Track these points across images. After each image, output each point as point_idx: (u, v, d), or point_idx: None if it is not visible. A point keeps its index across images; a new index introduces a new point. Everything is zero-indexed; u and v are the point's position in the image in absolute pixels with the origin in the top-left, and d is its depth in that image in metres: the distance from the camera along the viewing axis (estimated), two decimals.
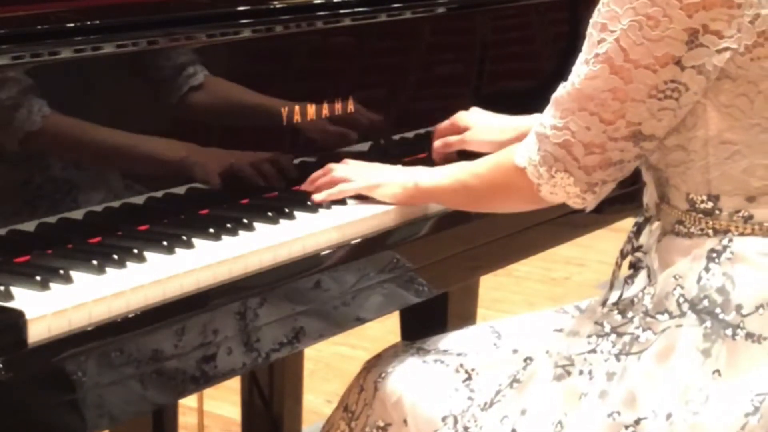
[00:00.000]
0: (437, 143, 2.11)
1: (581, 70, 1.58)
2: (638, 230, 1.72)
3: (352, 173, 1.89)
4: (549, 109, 1.63)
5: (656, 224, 1.68)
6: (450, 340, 1.85)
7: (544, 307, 1.82)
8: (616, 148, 1.58)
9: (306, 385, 2.61)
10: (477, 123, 2.08)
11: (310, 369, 3.36)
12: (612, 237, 1.72)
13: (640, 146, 1.59)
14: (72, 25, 1.66)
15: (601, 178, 1.62)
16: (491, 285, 3.52)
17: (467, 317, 2.48)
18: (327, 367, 3.62)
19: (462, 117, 2.11)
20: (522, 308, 4.08)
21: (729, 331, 1.53)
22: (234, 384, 2.31)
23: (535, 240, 2.16)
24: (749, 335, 1.52)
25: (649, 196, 1.70)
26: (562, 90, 1.61)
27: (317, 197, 1.85)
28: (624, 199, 2.20)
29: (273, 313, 1.63)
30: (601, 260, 4.34)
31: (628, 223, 1.82)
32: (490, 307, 3.76)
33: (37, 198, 1.62)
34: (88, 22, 1.68)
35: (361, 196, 1.88)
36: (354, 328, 1.82)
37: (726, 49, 1.52)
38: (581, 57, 1.59)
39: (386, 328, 2.74)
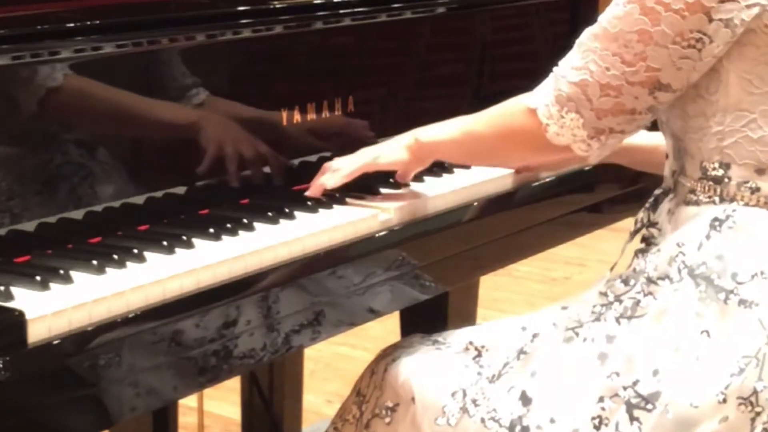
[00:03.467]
0: None
1: (610, 11, 1.60)
2: (655, 202, 1.73)
3: (351, 157, 1.88)
4: (571, 52, 1.65)
5: (672, 200, 1.69)
6: (465, 333, 1.86)
7: (544, 307, 1.82)
8: (631, 93, 1.60)
9: (306, 385, 2.61)
10: None
11: (310, 369, 3.36)
12: (612, 237, 1.73)
13: (654, 96, 1.61)
14: (72, 25, 1.66)
15: (610, 125, 1.63)
16: (491, 285, 3.52)
17: (467, 317, 2.48)
18: (327, 367, 3.62)
19: None
20: (522, 308, 4.08)
21: (722, 296, 1.55)
22: (234, 384, 2.31)
23: (535, 240, 2.16)
24: (742, 301, 1.54)
25: (668, 168, 1.73)
26: (587, 32, 1.63)
27: (328, 182, 1.84)
28: (624, 199, 2.20)
29: (272, 313, 1.63)
30: (601, 260, 4.34)
31: (628, 223, 1.82)
32: (490, 307, 3.76)
33: (37, 198, 1.62)
34: (88, 22, 1.68)
35: (365, 195, 1.87)
36: (354, 328, 1.83)
37: (756, 4, 1.55)
38: (612, 3, 1.61)
39: (386, 328, 2.74)
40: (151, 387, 1.50)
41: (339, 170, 1.87)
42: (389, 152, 1.86)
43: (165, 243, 1.63)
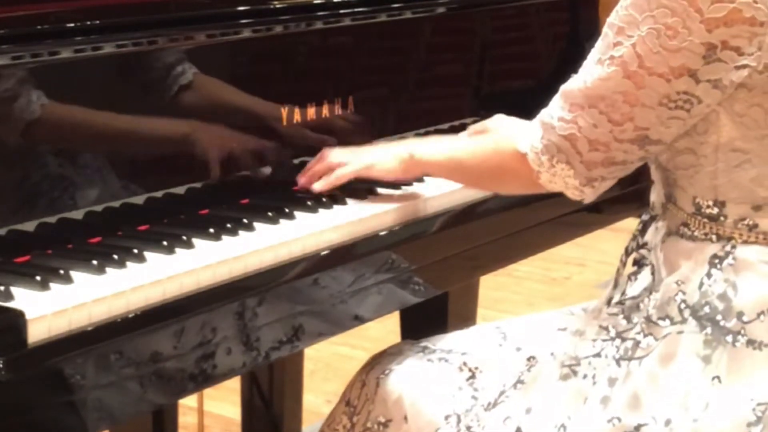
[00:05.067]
0: None
1: (594, 69, 1.57)
2: (644, 228, 1.72)
3: (346, 157, 1.88)
4: (557, 100, 1.62)
5: (662, 222, 1.67)
6: (455, 339, 1.86)
7: (544, 307, 1.82)
8: (620, 149, 1.58)
9: (306, 385, 2.61)
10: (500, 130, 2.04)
11: (310, 369, 3.36)
12: (612, 237, 1.72)
13: (645, 149, 1.58)
14: (72, 25, 1.66)
15: (601, 174, 1.62)
16: (491, 285, 3.53)
17: (467, 317, 2.48)
18: (327, 367, 3.62)
19: (485, 126, 2.06)
20: (522, 308, 4.08)
21: (729, 338, 1.52)
22: (234, 384, 2.31)
23: (535, 240, 2.16)
24: (750, 342, 1.52)
25: (656, 195, 1.70)
26: (573, 84, 1.59)
27: (317, 186, 1.85)
28: (624, 199, 2.20)
29: (273, 313, 1.63)
30: (601, 260, 4.33)
31: (628, 223, 1.82)
32: (490, 307, 3.76)
33: (36, 198, 1.62)
34: (88, 22, 1.68)
35: (362, 195, 1.88)
36: (354, 328, 1.82)
37: (745, 66, 1.50)
38: (594, 55, 1.58)
39: (386, 328, 2.74)
40: (152, 387, 1.50)
41: (331, 176, 1.86)
42: (383, 162, 1.86)
43: (165, 243, 1.62)
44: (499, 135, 1.76)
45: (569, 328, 1.72)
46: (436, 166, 1.83)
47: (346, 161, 1.87)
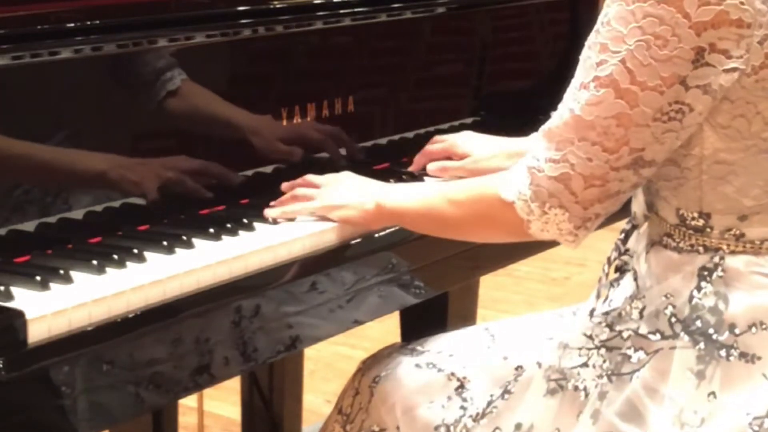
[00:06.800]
0: (432, 166, 2.01)
1: (580, 95, 1.50)
2: (626, 237, 1.68)
3: (317, 192, 1.80)
4: (541, 142, 1.55)
5: (644, 229, 1.64)
6: (445, 342, 1.84)
7: (544, 307, 1.82)
8: (616, 178, 1.52)
9: (306, 385, 2.61)
10: (476, 150, 1.99)
11: (310, 369, 3.36)
12: (612, 237, 1.71)
13: (639, 173, 1.53)
14: (72, 25, 1.66)
15: (596, 212, 1.55)
16: (491, 285, 3.52)
17: (467, 317, 2.48)
18: (327, 367, 3.62)
19: (457, 144, 2.01)
20: (522, 308, 4.08)
21: (723, 352, 1.50)
22: (234, 384, 2.31)
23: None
24: (743, 355, 1.50)
25: (637, 205, 1.66)
26: (557, 120, 1.53)
27: (270, 213, 1.78)
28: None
29: (273, 313, 1.63)
30: (601, 260, 4.28)
31: None
32: (490, 307, 3.76)
33: (36, 198, 1.62)
34: (88, 22, 1.68)
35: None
36: (354, 329, 1.83)
37: (734, 69, 1.46)
38: (576, 82, 1.51)
39: (386, 328, 2.74)
40: (152, 387, 1.50)
41: (287, 207, 1.79)
42: (348, 209, 1.76)
43: (165, 243, 1.63)
44: (479, 181, 1.66)
45: (556, 337, 1.69)
46: (408, 215, 1.72)
47: (313, 196, 1.79)
